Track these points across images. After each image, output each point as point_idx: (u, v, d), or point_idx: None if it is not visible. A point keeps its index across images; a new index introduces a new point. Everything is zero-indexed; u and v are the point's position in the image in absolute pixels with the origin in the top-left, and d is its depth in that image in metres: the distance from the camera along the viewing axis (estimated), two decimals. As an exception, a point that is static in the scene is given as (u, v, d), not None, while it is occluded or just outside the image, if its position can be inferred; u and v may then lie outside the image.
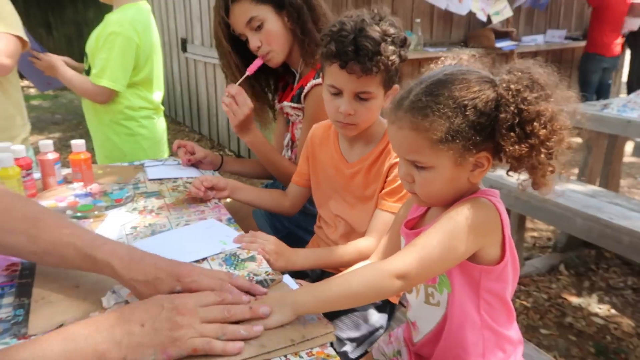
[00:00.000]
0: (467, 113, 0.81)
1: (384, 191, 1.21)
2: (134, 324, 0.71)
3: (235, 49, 1.57)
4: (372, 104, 1.15)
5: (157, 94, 2.23)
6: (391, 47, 1.09)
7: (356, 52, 1.07)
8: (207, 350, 0.72)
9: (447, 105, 0.81)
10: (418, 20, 4.45)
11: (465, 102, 0.81)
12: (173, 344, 0.70)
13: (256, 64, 1.54)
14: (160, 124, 2.28)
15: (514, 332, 0.96)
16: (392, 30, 1.11)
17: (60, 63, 2.04)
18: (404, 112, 0.85)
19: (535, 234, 3.13)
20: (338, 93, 1.15)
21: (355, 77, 1.10)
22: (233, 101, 1.45)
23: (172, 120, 6.36)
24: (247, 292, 0.85)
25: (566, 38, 5.43)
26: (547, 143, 0.80)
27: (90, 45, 2.09)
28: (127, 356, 0.69)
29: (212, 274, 0.87)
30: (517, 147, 0.80)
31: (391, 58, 1.09)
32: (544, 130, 0.80)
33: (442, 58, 0.95)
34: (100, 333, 0.69)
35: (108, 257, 0.84)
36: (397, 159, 1.19)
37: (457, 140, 0.81)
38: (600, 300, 2.39)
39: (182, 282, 0.82)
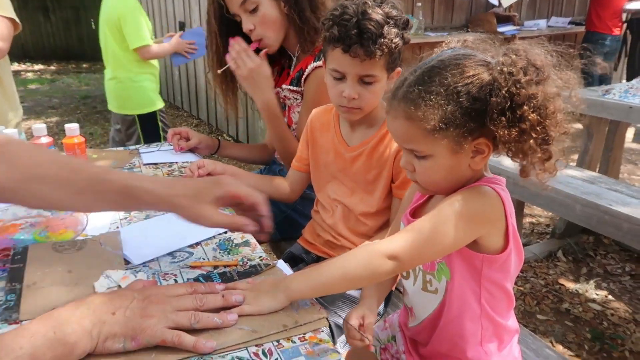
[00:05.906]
0: (460, 100, 0.78)
1: (396, 183, 1.21)
2: (104, 313, 0.70)
3: (226, 30, 1.54)
4: (376, 87, 1.13)
5: None
6: (394, 30, 1.08)
7: (359, 36, 1.06)
8: (177, 343, 0.70)
9: (439, 94, 0.79)
10: (419, 4, 4.39)
11: (459, 88, 0.78)
12: (143, 332, 0.69)
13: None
14: None
15: (512, 321, 0.96)
16: (394, 13, 1.09)
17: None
18: (398, 101, 0.83)
19: (533, 220, 3.13)
20: (341, 77, 1.14)
21: (359, 61, 1.08)
22: (240, 55, 1.45)
23: (171, 105, 6.32)
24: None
25: (569, 23, 5.37)
26: (538, 127, 0.78)
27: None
28: (98, 345, 0.68)
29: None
30: (506, 131, 0.77)
31: (394, 41, 1.08)
32: (534, 114, 0.77)
33: (447, 41, 0.92)
34: (70, 325, 0.68)
35: (143, 182, 0.86)
36: None
37: (452, 128, 0.79)
38: (598, 287, 2.39)
39: (223, 189, 0.89)
